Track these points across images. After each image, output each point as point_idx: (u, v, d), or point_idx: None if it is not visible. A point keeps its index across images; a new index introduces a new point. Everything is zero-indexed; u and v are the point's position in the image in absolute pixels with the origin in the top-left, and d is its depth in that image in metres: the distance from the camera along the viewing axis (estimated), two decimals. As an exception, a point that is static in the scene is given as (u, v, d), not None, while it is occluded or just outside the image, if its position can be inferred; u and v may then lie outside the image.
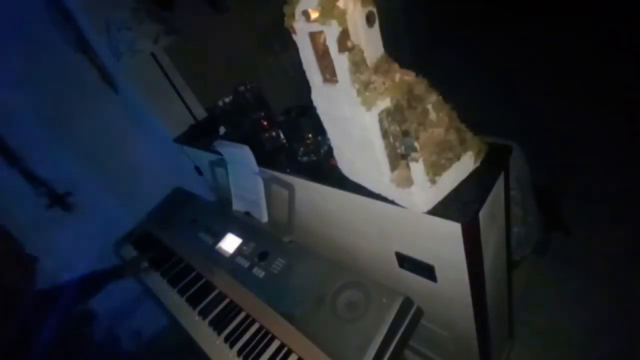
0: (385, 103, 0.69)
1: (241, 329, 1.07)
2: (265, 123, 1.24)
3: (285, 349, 0.97)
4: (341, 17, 0.63)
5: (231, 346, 1.04)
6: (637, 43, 2.78)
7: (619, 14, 3.22)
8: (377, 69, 0.71)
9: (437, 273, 0.93)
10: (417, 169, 0.70)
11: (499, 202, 0.90)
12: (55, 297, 0.96)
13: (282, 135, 1.22)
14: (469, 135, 0.77)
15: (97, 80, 1.79)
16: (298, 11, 0.69)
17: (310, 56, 0.74)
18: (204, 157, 1.54)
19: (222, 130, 1.50)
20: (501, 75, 3.13)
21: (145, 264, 1.43)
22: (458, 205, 0.75)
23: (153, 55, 1.60)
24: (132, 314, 1.97)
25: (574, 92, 2.67)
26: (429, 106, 0.73)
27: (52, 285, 0.99)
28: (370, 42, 0.69)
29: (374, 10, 0.66)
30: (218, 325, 1.11)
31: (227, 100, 1.35)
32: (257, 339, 1.03)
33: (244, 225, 1.32)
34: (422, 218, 0.78)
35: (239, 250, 1.26)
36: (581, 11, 3.51)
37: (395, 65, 0.73)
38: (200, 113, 1.84)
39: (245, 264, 1.20)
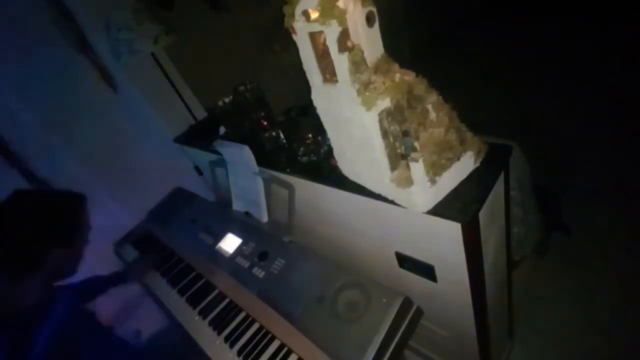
0: (385, 103, 0.69)
1: (241, 329, 1.07)
2: (265, 123, 1.24)
3: (285, 349, 0.97)
4: (341, 17, 0.63)
5: (231, 346, 1.04)
6: (637, 43, 2.78)
7: (618, 14, 3.23)
8: (377, 69, 0.71)
9: (437, 273, 0.93)
10: (417, 169, 0.70)
11: (499, 202, 0.90)
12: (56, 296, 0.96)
13: (282, 135, 1.22)
14: (469, 135, 0.77)
15: (97, 80, 1.79)
16: (298, 11, 0.69)
17: (310, 56, 0.74)
18: (204, 157, 1.54)
19: (222, 130, 1.50)
20: (501, 75, 3.13)
21: (151, 270, 1.42)
22: (458, 205, 0.75)
23: (153, 55, 1.60)
24: (132, 314, 1.97)
25: (574, 92, 2.67)
26: (429, 106, 0.73)
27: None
28: (370, 42, 0.69)
29: (374, 10, 0.66)
30: (218, 325, 1.11)
31: (227, 100, 1.35)
32: (257, 339, 1.03)
33: (244, 225, 1.32)
34: (422, 218, 0.78)
35: (239, 250, 1.25)
36: (581, 11, 3.52)
37: (395, 65, 0.73)
38: (200, 113, 1.84)
39: (245, 264, 1.20)
